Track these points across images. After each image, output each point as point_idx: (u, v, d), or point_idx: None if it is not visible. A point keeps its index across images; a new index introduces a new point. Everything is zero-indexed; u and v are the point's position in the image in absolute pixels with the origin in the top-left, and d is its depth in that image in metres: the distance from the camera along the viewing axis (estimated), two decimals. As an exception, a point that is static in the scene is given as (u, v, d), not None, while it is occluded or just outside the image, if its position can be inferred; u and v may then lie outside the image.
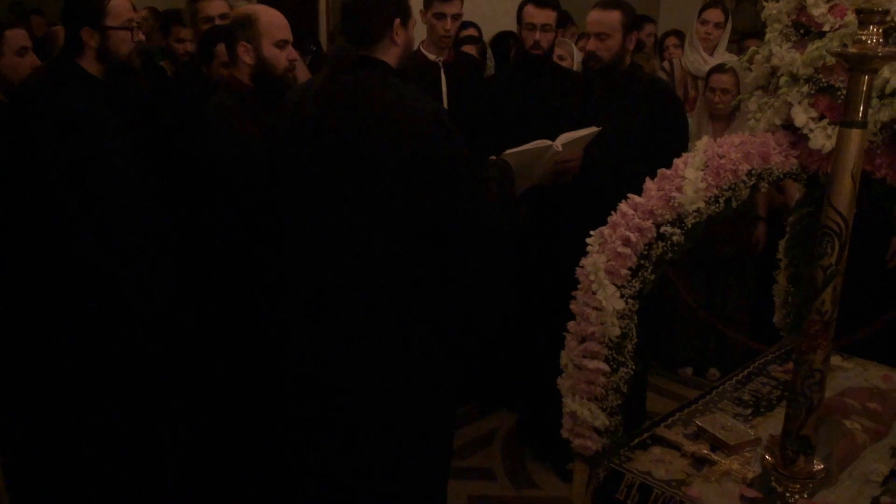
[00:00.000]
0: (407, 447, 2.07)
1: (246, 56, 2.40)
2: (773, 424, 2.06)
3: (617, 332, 1.69)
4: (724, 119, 3.97)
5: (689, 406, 2.17)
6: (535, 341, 3.02)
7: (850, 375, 2.42)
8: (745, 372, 2.44)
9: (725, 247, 4.14)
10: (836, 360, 2.51)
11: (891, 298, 3.22)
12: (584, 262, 1.72)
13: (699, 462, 1.87)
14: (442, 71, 3.41)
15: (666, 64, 4.54)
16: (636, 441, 1.96)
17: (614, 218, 1.73)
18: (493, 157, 2.35)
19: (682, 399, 4.19)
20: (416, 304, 1.92)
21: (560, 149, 2.49)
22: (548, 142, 2.52)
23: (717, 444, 1.94)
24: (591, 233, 1.75)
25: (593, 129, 2.65)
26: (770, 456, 1.38)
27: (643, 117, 2.84)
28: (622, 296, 1.68)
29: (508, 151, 2.41)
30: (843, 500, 1.74)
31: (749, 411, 2.16)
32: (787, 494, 1.36)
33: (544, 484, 3.31)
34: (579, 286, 1.75)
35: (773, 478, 1.39)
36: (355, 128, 1.89)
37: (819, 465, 1.34)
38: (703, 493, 1.74)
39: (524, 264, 3.12)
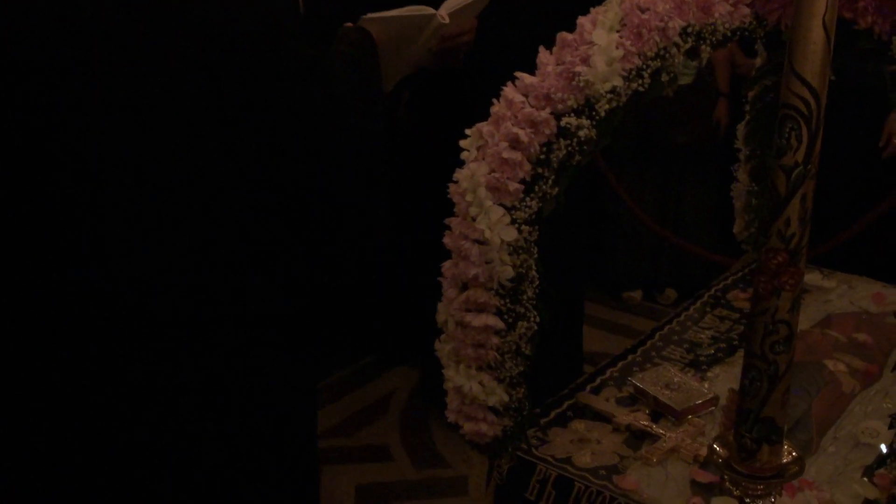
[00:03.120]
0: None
1: None
2: (734, 374, 1.93)
3: (510, 272, 1.51)
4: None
5: (622, 358, 2.06)
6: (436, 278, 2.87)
7: (831, 298, 2.36)
8: (698, 303, 2.34)
9: (679, 134, 4.11)
10: (813, 277, 2.44)
11: (878, 194, 3.18)
12: (457, 175, 1.52)
13: (637, 438, 1.77)
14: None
15: None
16: (552, 415, 1.84)
17: (497, 108, 1.51)
18: (349, 25, 2.09)
19: (633, 334, 4.32)
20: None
21: (446, 19, 2.31)
22: (429, 9, 2.29)
23: (660, 411, 1.84)
24: (467, 131, 1.54)
25: None
26: (722, 446, 1.20)
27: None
28: (514, 221, 1.49)
29: (371, 16, 2.15)
30: (826, 473, 1.65)
31: (703, 358, 2.07)
32: (748, 500, 1.20)
33: (456, 460, 3.25)
34: (455, 211, 1.55)
35: (726, 478, 1.22)
36: None
37: (791, 453, 1.18)
38: (642, 481, 1.64)
39: (418, 182, 3.04)
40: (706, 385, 1.92)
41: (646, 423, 1.79)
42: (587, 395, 1.90)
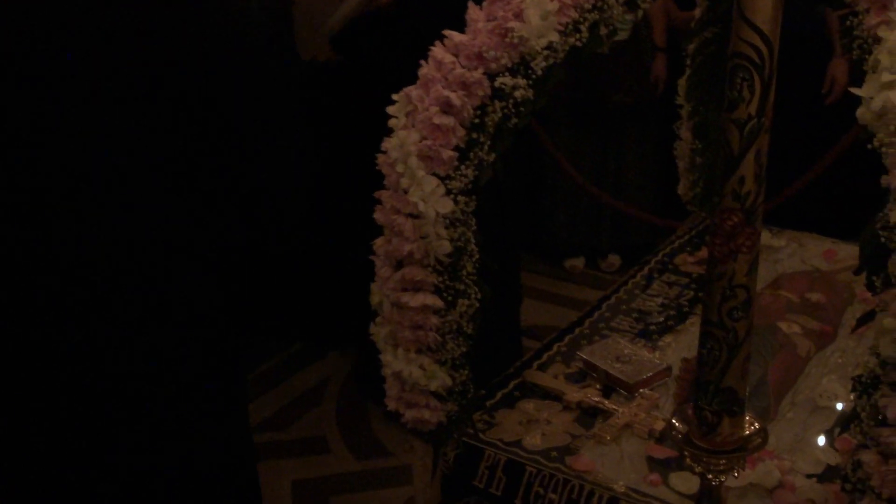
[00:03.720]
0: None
1: None
2: (687, 342, 1.98)
3: (447, 247, 1.48)
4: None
5: (569, 332, 2.05)
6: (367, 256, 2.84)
7: (781, 257, 2.38)
8: (645, 269, 2.35)
9: (616, 93, 4.11)
10: (762, 235, 2.44)
11: (824, 145, 3.20)
12: (385, 144, 1.49)
13: (589, 415, 1.76)
14: None
15: None
16: (498, 396, 1.83)
17: (425, 71, 1.48)
18: None
19: (576, 304, 4.34)
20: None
21: None
22: None
23: (612, 385, 1.83)
24: (394, 96, 1.50)
25: None
26: (680, 421, 1.18)
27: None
28: (449, 192, 1.46)
29: None
30: (786, 441, 1.66)
31: (653, 327, 2.07)
32: (710, 476, 1.19)
33: (398, 449, 3.23)
34: (385, 183, 1.51)
35: (686, 454, 1.21)
36: None
37: (753, 424, 1.17)
38: (597, 461, 1.63)
39: (345, 153, 3.02)
40: (658, 355, 1.92)
41: (597, 399, 1.78)
42: (534, 372, 1.89)
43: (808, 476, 1.57)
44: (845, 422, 1.67)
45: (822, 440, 1.66)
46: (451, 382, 1.59)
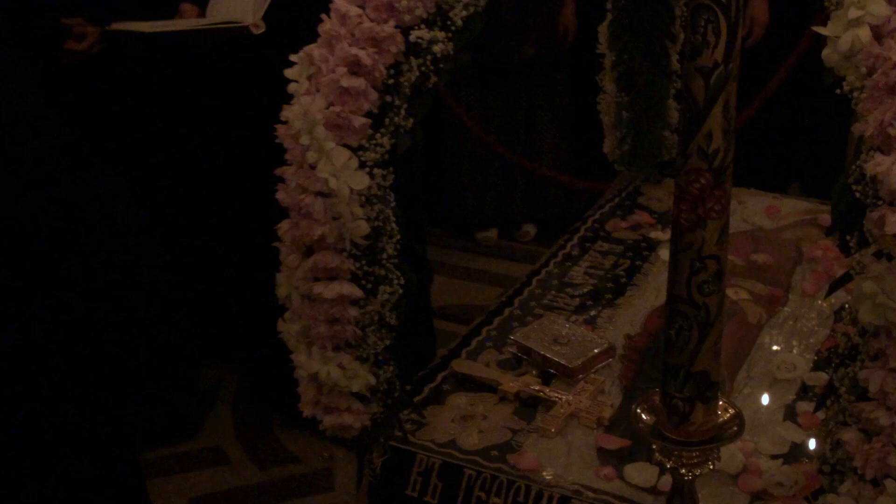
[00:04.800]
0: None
1: None
2: (629, 317, 1.99)
3: (364, 228, 1.46)
4: None
5: (497, 313, 2.03)
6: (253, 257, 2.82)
7: None
8: (575, 238, 2.34)
9: (523, 46, 4.09)
10: None
11: (750, 91, 3.26)
12: (284, 113, 1.45)
13: (529, 406, 1.74)
14: None
15: None
16: (426, 391, 1.81)
17: (328, 26, 1.46)
18: None
19: (491, 279, 4.36)
20: None
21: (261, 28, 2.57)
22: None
23: (551, 370, 1.82)
24: (292, 57, 1.48)
25: None
26: (646, 412, 1.15)
27: None
28: (363, 165, 1.43)
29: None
30: (746, 419, 1.59)
31: (590, 302, 2.07)
32: (683, 471, 1.17)
33: (306, 453, 3.16)
34: (287, 158, 1.48)
35: (655, 449, 1.18)
36: None
37: (728, 410, 1.15)
38: (542, 457, 1.62)
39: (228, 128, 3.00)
40: (599, 333, 1.91)
41: (536, 387, 1.76)
42: (463, 362, 1.86)
43: (774, 457, 1.58)
44: (808, 394, 1.71)
45: (784, 417, 1.67)
46: (375, 381, 1.58)
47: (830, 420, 1.26)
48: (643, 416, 1.17)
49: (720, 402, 1.17)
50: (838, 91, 1.17)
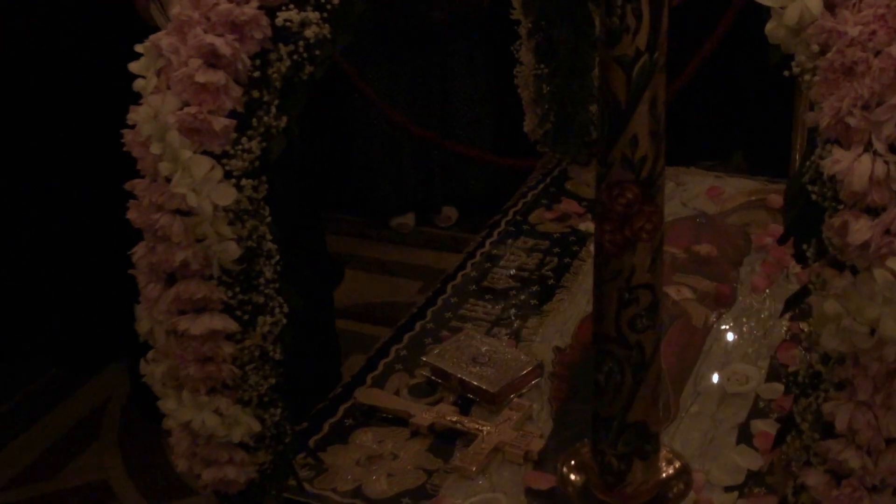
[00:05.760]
0: None
1: None
2: (557, 326, 1.96)
3: (235, 250, 1.41)
4: None
5: (407, 328, 1.99)
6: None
7: None
8: (495, 233, 2.30)
9: (433, 9, 4.08)
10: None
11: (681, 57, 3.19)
12: (132, 115, 1.39)
13: (446, 440, 1.70)
14: None
15: None
16: (325, 428, 1.76)
17: (178, 10, 1.37)
18: None
19: (410, 271, 4.32)
20: None
21: None
22: None
23: (471, 396, 1.78)
24: (137, 47, 1.42)
25: None
26: (575, 471, 1.06)
27: None
28: (229, 175, 1.38)
29: None
30: (695, 444, 1.61)
31: (514, 311, 2.02)
32: None
33: None
34: (139, 169, 1.42)
35: None
36: None
37: (673, 464, 1.06)
38: (463, 502, 1.57)
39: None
40: (524, 349, 1.87)
41: (454, 418, 1.72)
42: (369, 391, 1.82)
43: (728, 489, 1.51)
44: (764, 409, 1.67)
45: (738, 439, 1.61)
46: (261, 427, 1.54)
47: (792, 458, 1.18)
48: (571, 477, 1.08)
49: (662, 453, 1.08)
50: (786, 73, 1.07)
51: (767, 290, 1.97)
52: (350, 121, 4.32)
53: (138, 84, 1.39)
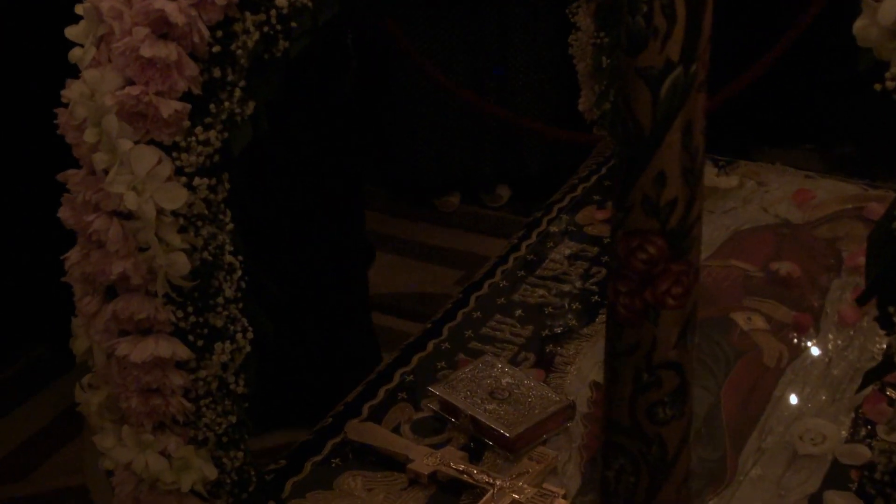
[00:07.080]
0: None
1: None
2: (597, 355, 1.86)
3: (184, 265, 1.35)
4: None
5: (418, 348, 1.95)
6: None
7: (733, 205, 2.33)
8: (533, 234, 2.26)
9: None
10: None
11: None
12: (66, 93, 1.35)
13: (449, 493, 1.64)
14: None
15: None
16: (307, 468, 1.72)
17: None
18: None
19: (452, 258, 4.32)
20: None
21: None
22: None
23: (484, 439, 1.72)
24: (77, 8, 1.37)
25: None
26: None
27: None
28: (181, 172, 1.32)
29: None
30: None
31: (547, 332, 1.97)
32: None
33: None
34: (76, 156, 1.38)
35: None
36: None
37: None
38: None
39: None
40: (555, 383, 1.81)
41: (461, 466, 1.65)
42: (362, 425, 1.77)
43: None
44: (842, 478, 1.58)
45: None
46: (217, 474, 1.49)
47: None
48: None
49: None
50: (877, 87, 0.94)
51: (858, 324, 1.88)
52: (393, 86, 4.31)
53: (74, 54, 1.34)
